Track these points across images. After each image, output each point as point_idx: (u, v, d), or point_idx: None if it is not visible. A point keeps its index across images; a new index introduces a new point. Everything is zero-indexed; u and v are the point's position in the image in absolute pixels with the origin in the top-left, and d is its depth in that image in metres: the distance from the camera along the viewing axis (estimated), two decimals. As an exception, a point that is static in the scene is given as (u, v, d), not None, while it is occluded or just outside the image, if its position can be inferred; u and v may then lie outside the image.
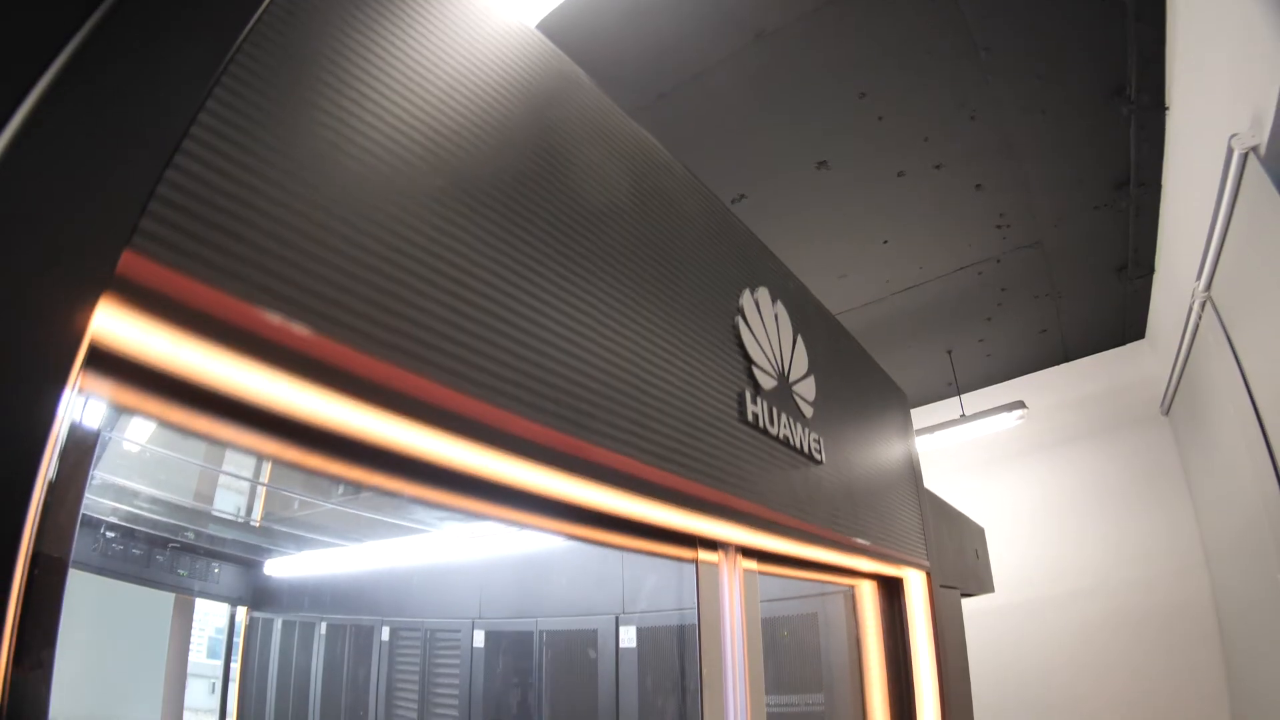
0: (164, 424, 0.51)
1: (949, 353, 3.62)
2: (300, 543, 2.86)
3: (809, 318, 1.22)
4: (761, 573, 1.17)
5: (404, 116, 0.55)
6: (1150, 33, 2.15)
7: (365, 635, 2.71)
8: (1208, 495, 3.30)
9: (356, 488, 2.20)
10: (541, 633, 2.07)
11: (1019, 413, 3.20)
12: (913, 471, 1.67)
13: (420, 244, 0.53)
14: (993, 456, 3.98)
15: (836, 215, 2.67)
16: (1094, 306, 3.41)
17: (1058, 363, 3.90)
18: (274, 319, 0.42)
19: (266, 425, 0.50)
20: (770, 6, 2.05)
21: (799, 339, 1.14)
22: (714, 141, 2.45)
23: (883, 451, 1.43)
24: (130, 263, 0.38)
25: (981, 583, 2.42)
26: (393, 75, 0.55)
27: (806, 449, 1.02)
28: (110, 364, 0.42)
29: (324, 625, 2.93)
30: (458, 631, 2.33)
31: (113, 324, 0.39)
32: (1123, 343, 3.77)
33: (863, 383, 1.44)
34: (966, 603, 2.23)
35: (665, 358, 0.76)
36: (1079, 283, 3.19)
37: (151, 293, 0.38)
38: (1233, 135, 1.96)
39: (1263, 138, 1.93)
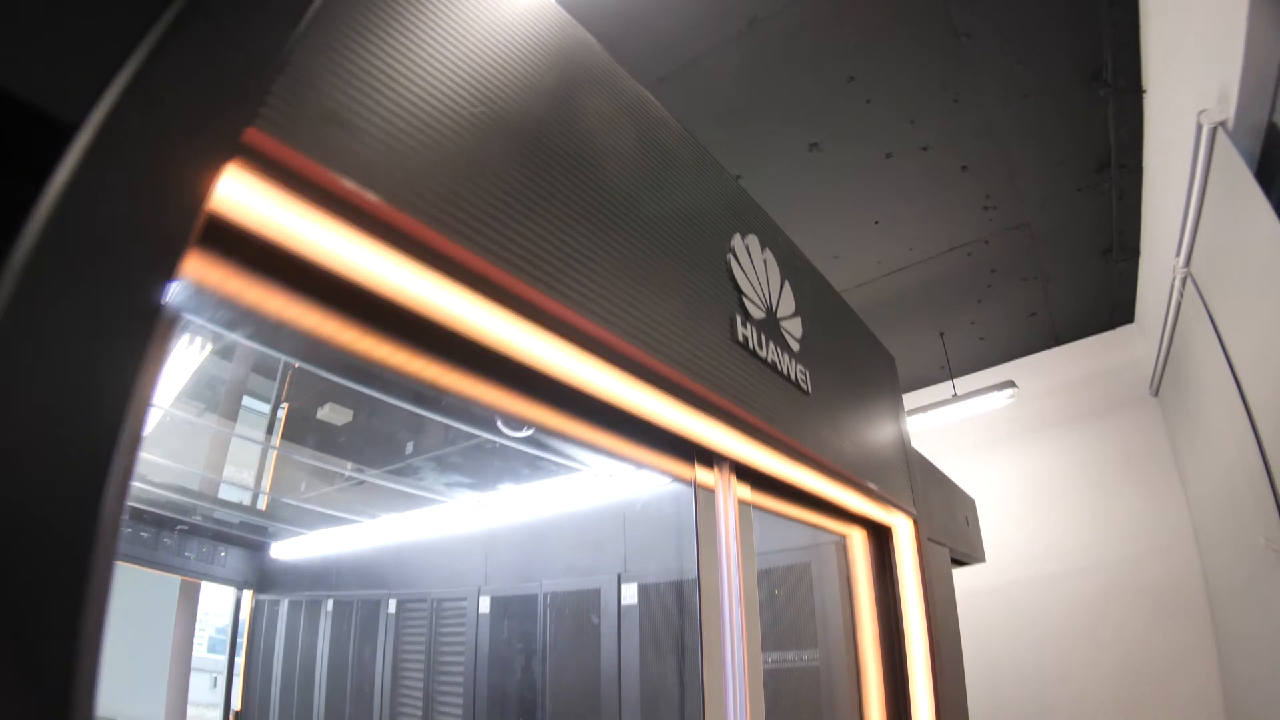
0: (251, 318, 0.63)
1: (941, 335, 3.76)
2: (309, 521, 2.96)
3: (797, 270, 1.34)
4: (756, 506, 1.29)
5: (453, 55, 0.67)
6: (1124, 17, 2.29)
7: (371, 609, 2.80)
8: (1196, 472, 3.42)
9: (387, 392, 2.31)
10: (546, 595, 2.17)
11: (1009, 392, 3.32)
12: (899, 429, 1.78)
13: (466, 157, 0.65)
14: (985, 439, 4.11)
15: (828, 196, 2.81)
16: (1082, 289, 3.55)
17: (1048, 347, 4.03)
18: (350, 185, 0.54)
19: (344, 300, 0.62)
20: (761, -8, 2.19)
21: (786, 284, 1.26)
22: (711, 124, 2.58)
23: (868, 400, 1.54)
24: (253, 136, 0.50)
25: (972, 549, 2.53)
26: (446, 25, 0.67)
27: (794, 377, 1.14)
28: (221, 238, 0.53)
29: (330, 603, 3.02)
30: (464, 599, 2.43)
31: (233, 189, 0.51)
32: (1112, 327, 3.91)
33: (848, 337, 1.56)
34: (960, 581, 2.33)
35: (666, 276, 0.88)
36: (1066, 265, 3.33)
37: (267, 159, 0.50)
38: (1201, 111, 2.10)
39: (1229, 112, 2.06)
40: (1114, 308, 3.76)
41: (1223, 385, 2.67)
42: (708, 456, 1.06)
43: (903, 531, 1.72)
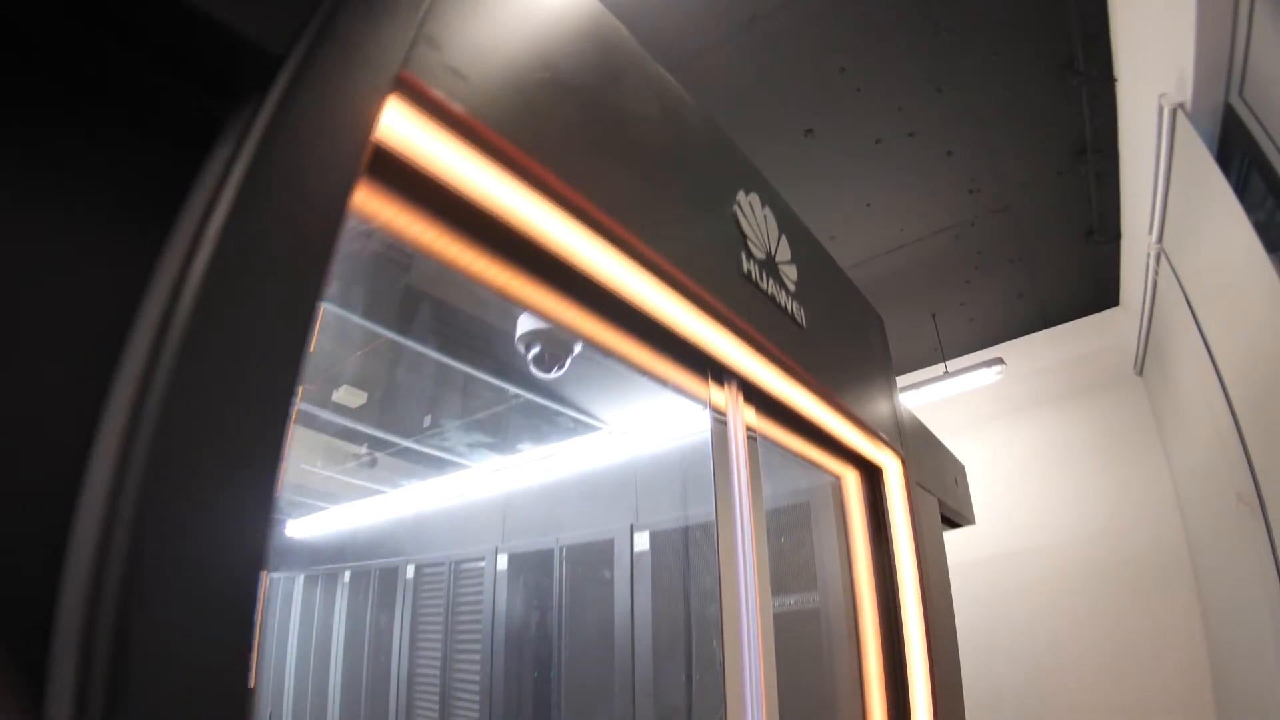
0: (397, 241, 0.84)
1: (933, 316, 4.00)
2: (330, 496, 3.15)
3: (793, 229, 1.57)
4: (762, 435, 1.50)
5: (525, 32, 0.90)
6: (1092, 10, 2.55)
7: (389, 578, 3.00)
8: (1178, 446, 3.67)
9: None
10: (562, 548, 2.38)
11: (998, 368, 3.56)
12: (888, 382, 2.01)
13: (537, 105, 0.87)
14: (976, 418, 4.35)
15: (823, 179, 3.05)
16: (1067, 271, 3.81)
17: (1037, 329, 4.29)
18: (464, 112, 0.77)
19: (447, 207, 0.84)
20: (760, -11, 2.43)
21: (783, 237, 1.48)
22: (714, 112, 2.82)
23: (858, 347, 1.77)
24: (405, 76, 0.72)
25: (962, 508, 2.75)
26: (518, 9, 0.89)
27: (790, 311, 1.37)
28: (384, 167, 0.75)
29: (347, 575, 3.21)
30: (482, 560, 2.63)
31: (394, 119, 0.73)
32: (1098, 309, 4.17)
33: (839, 293, 1.79)
34: (953, 552, 2.53)
35: (687, 210, 1.11)
36: (1050, 247, 3.58)
37: (417, 94, 0.72)
38: (1161, 94, 2.35)
39: (1187, 95, 2.31)
40: (1099, 290, 4.02)
41: (1196, 353, 2.91)
42: (719, 373, 1.28)
43: (892, 472, 1.94)
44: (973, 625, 3.60)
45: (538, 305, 1.01)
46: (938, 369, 4.35)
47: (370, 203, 0.82)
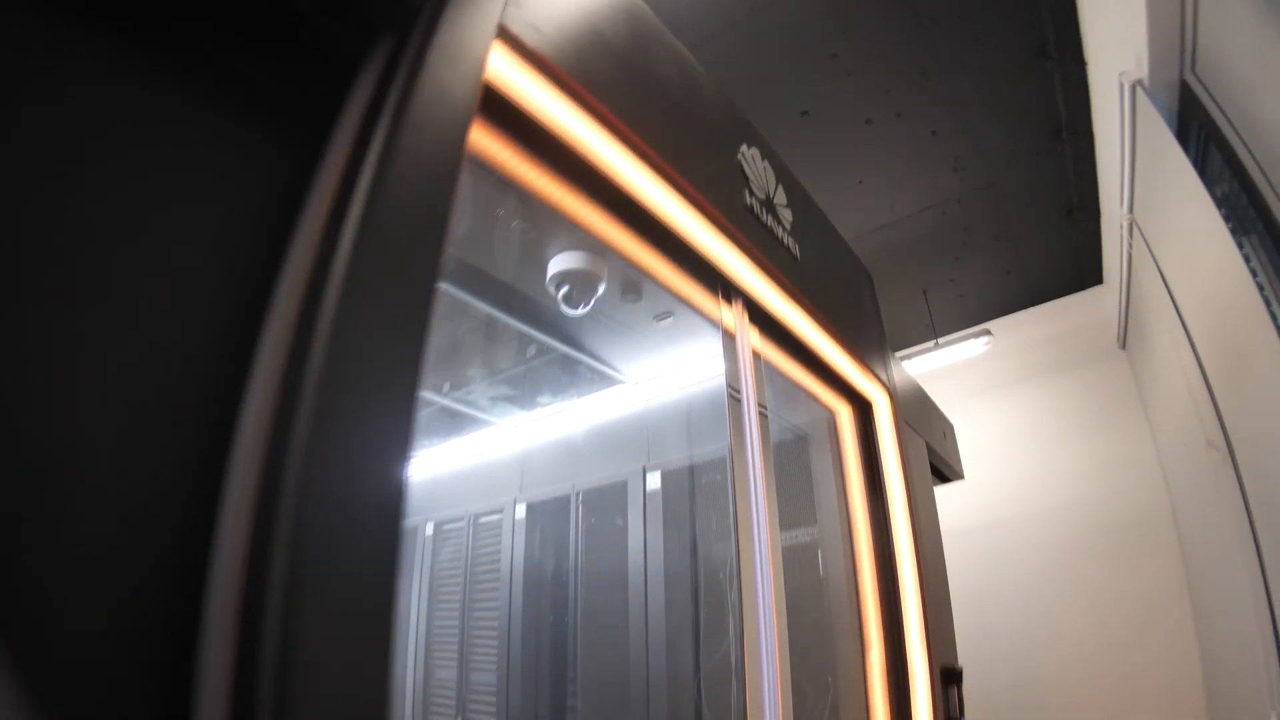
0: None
1: (924, 293, 4.32)
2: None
3: (789, 183, 1.87)
4: (767, 361, 1.79)
5: (575, 6, 1.19)
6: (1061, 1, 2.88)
7: (409, 536, 3.25)
8: (1159, 413, 3.98)
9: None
10: (578, 493, 2.65)
11: (985, 339, 3.87)
12: (877, 327, 2.30)
13: (588, 58, 1.16)
14: (966, 393, 4.66)
15: (818, 158, 3.36)
16: (1051, 249, 4.13)
17: (1025, 306, 4.61)
18: (544, 54, 1.06)
19: (520, 127, 1.13)
20: (757, -21, 2.75)
21: (780, 186, 1.78)
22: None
23: (847, 288, 2.07)
24: (503, 27, 1.01)
25: (950, 460, 3.04)
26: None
27: (787, 244, 1.66)
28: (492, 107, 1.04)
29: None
30: (500, 511, 2.89)
31: (500, 64, 1.02)
32: (1083, 287, 4.49)
33: (831, 246, 2.08)
34: (946, 521, 2.79)
35: (702, 150, 1.41)
36: (1033, 225, 3.91)
37: (512, 40, 1.02)
38: (1121, 72, 2.67)
39: (1144, 72, 2.63)
40: (1083, 268, 4.35)
41: (1169, 318, 3.22)
42: (729, 290, 1.57)
43: (881, 407, 2.22)
44: (966, 589, 3.88)
45: (588, 222, 1.30)
46: (929, 345, 4.67)
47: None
